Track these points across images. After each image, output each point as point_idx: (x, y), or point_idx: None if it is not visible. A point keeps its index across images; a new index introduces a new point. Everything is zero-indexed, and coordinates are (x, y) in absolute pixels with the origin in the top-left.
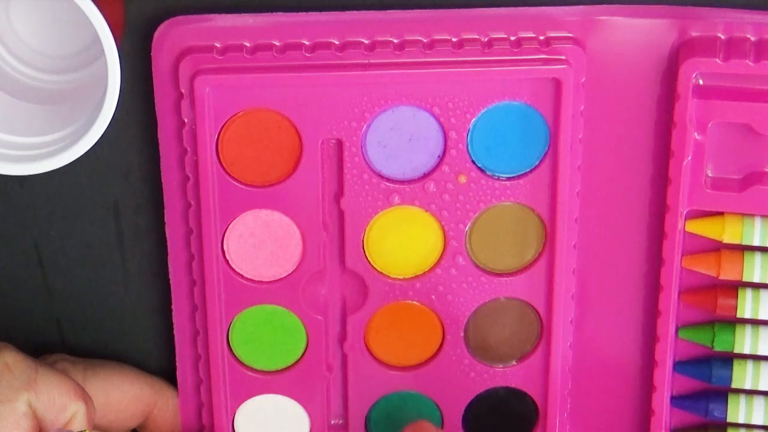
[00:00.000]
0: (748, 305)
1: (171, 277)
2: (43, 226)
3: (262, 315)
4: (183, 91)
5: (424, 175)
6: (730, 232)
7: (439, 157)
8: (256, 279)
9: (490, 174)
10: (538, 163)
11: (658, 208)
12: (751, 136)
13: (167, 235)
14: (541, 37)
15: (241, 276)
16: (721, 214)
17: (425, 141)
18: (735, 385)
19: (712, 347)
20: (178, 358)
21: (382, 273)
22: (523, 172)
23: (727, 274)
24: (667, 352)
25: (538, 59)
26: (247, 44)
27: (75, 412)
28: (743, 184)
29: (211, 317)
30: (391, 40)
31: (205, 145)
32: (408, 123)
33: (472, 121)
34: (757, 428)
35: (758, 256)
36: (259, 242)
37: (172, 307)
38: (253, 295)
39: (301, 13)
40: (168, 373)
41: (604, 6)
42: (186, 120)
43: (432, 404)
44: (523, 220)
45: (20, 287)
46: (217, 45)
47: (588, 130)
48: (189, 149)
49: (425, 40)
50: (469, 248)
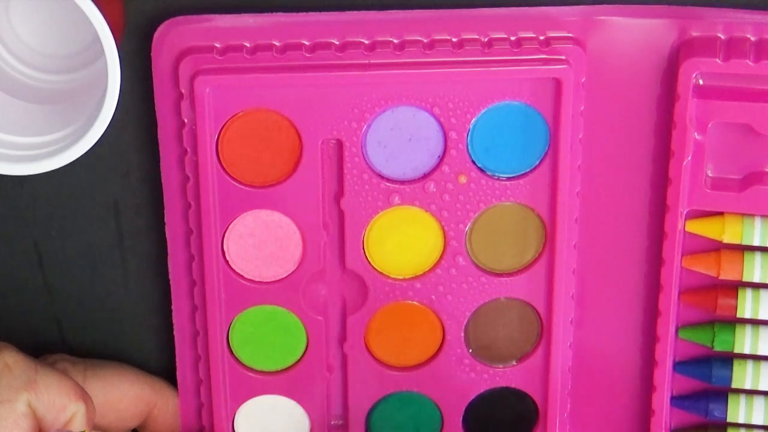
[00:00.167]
0: (748, 305)
1: (171, 277)
2: (43, 226)
3: (262, 315)
4: (183, 91)
5: (424, 176)
6: (730, 232)
7: (439, 157)
8: (256, 279)
9: (490, 174)
10: (538, 163)
11: (658, 208)
12: (751, 136)
13: (167, 235)
14: (541, 37)
15: (241, 276)
16: (721, 214)
17: (425, 141)
18: (735, 385)
19: (712, 347)
20: (178, 359)
21: (382, 273)
22: (523, 172)
23: (727, 274)
24: (667, 352)
25: (538, 59)
26: (247, 44)
27: (75, 413)
28: (743, 184)
29: (211, 317)
30: (391, 40)
31: (205, 146)
32: (408, 123)
33: (472, 121)
34: (757, 428)
35: (758, 256)
36: (259, 242)
37: (172, 307)
38: (253, 296)
39: (301, 13)
40: (168, 373)
41: (604, 6)
42: (186, 120)
43: (432, 404)
44: (523, 220)
45: (20, 287)
46: (217, 45)
47: (588, 130)
48: (189, 149)
49: (425, 40)
50: (469, 248)
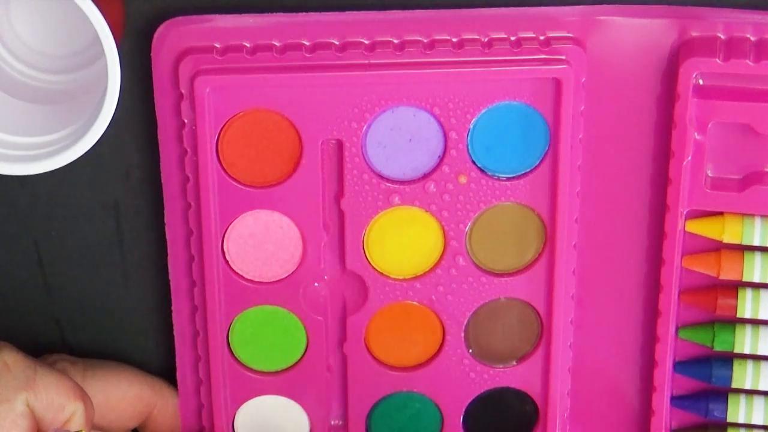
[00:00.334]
0: (748, 305)
1: (171, 277)
2: (43, 226)
3: (262, 316)
4: (183, 91)
5: (425, 176)
6: (730, 232)
7: (440, 157)
8: (256, 280)
9: (491, 174)
10: (538, 163)
11: (658, 208)
12: (751, 136)
13: (167, 235)
14: (541, 37)
15: (241, 277)
16: (721, 214)
17: (425, 141)
18: (735, 385)
19: (712, 347)
20: (178, 359)
21: (383, 273)
22: (523, 172)
23: (727, 274)
24: (667, 352)
25: (538, 59)
26: (247, 45)
27: (73, 412)
28: (743, 184)
29: (211, 318)
30: (391, 40)
31: (205, 146)
32: (408, 123)
33: (473, 121)
34: (757, 428)
35: (758, 256)
36: (259, 243)
37: (172, 308)
38: (253, 296)
39: (301, 14)
40: (168, 374)
41: (604, 6)
42: (186, 120)
43: (432, 404)
44: (523, 220)
45: (20, 287)
46: (217, 45)
47: (588, 130)
48: (189, 150)
49: (425, 40)
50: (469, 248)
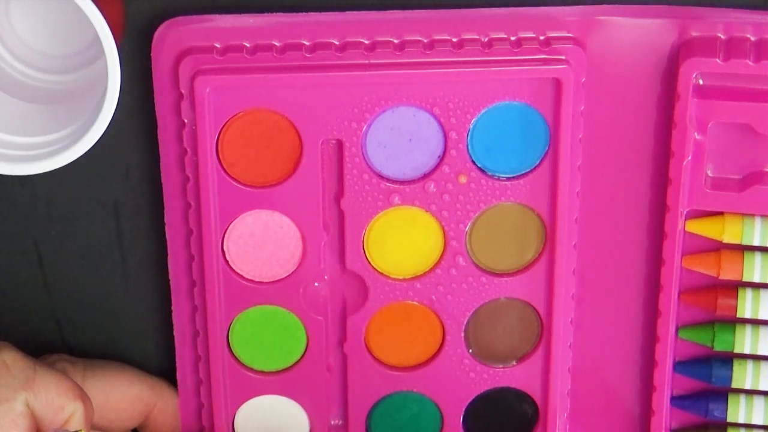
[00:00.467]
0: (748, 305)
1: (171, 277)
2: (43, 226)
3: (262, 315)
4: (183, 91)
5: (425, 176)
6: (730, 232)
7: (440, 157)
8: (256, 279)
9: (491, 174)
10: (538, 163)
11: (658, 208)
12: (751, 136)
13: (167, 235)
14: (541, 37)
15: (241, 277)
16: (721, 214)
17: (425, 141)
18: (735, 385)
19: (712, 347)
20: (178, 359)
21: (383, 273)
22: (523, 172)
23: (727, 274)
24: (667, 352)
25: (538, 59)
26: (247, 45)
27: (73, 412)
28: (743, 184)
29: (211, 318)
30: (391, 40)
31: (205, 146)
32: (408, 123)
33: (473, 121)
34: (757, 428)
35: (758, 256)
36: (259, 243)
37: (172, 307)
38: (253, 296)
39: (301, 13)
40: (168, 374)
41: (604, 6)
42: (186, 120)
43: (432, 404)
44: (523, 220)
45: (20, 287)
46: (217, 45)
47: (588, 130)
48: (189, 149)
49: (425, 40)
50: (469, 248)
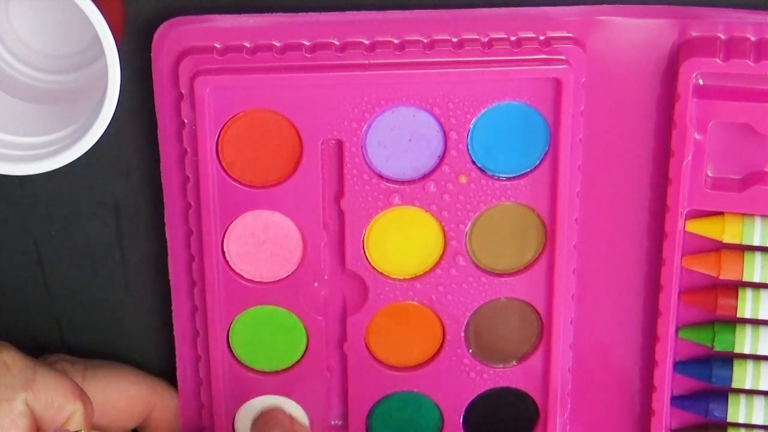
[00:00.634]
0: (748, 305)
1: (171, 277)
2: (43, 226)
3: (263, 316)
4: (183, 91)
5: (425, 176)
6: (730, 232)
7: (440, 157)
8: (257, 280)
9: (491, 174)
10: (538, 163)
11: (658, 208)
12: (751, 136)
13: (167, 235)
14: (541, 37)
15: (242, 277)
16: (721, 214)
17: (425, 141)
18: (735, 385)
19: (712, 347)
20: (178, 359)
21: (383, 273)
22: (523, 172)
23: (727, 274)
24: (667, 352)
25: (538, 59)
26: (247, 45)
27: (73, 412)
28: (743, 184)
29: (211, 318)
30: (391, 40)
31: (205, 146)
32: (408, 123)
33: (473, 121)
34: (758, 428)
35: (758, 256)
36: (260, 243)
37: (172, 308)
38: (253, 296)
39: (301, 14)
40: (168, 374)
41: (604, 6)
42: (186, 120)
43: (432, 404)
44: (523, 220)
45: (20, 287)
46: (217, 45)
47: (588, 130)
48: (189, 150)
49: (425, 40)
50: (469, 248)
